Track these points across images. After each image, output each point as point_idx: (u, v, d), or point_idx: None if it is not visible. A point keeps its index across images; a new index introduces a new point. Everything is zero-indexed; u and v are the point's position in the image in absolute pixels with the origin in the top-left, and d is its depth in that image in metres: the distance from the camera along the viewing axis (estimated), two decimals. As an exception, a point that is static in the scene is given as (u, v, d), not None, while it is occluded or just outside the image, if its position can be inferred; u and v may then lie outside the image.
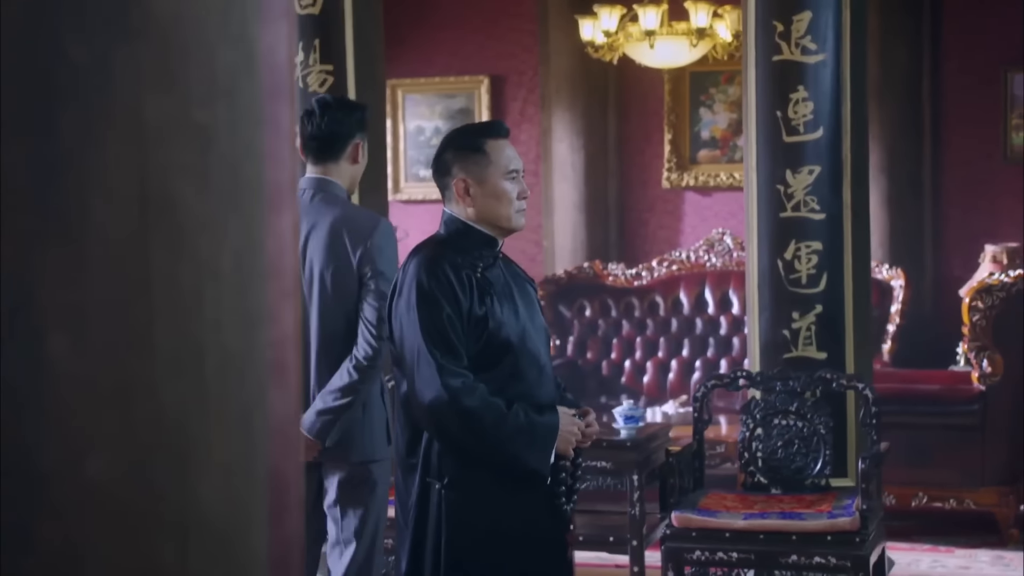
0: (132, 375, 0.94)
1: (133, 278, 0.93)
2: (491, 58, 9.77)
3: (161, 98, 0.95)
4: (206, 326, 0.99)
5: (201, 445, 0.98)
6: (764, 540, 4.69)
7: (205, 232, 0.98)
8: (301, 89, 5.90)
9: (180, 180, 0.96)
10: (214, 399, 0.99)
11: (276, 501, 1.20)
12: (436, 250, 3.38)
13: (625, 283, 9.00)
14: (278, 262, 1.21)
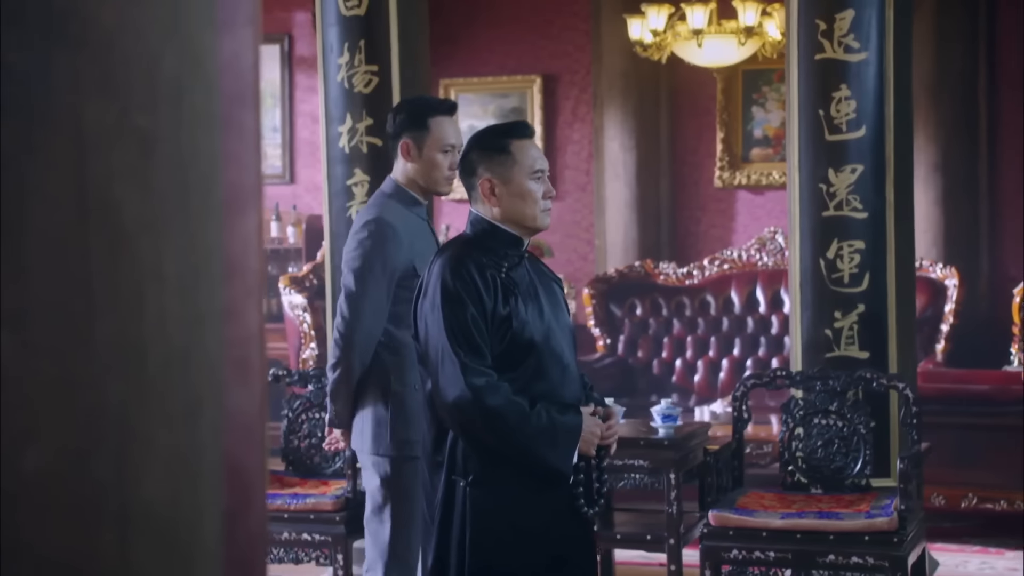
0: (72, 371, 0.97)
1: (74, 279, 0.97)
2: (544, 57, 9.80)
3: (101, 104, 0.99)
4: (148, 325, 1.02)
5: (143, 439, 1.02)
6: (801, 539, 4.69)
7: (147, 234, 1.02)
8: (347, 90, 5.96)
9: (120, 184, 1.00)
10: (156, 395, 1.03)
11: (236, 496, 1.24)
12: (461, 250, 3.41)
13: (676, 282, 8.99)
14: (241, 262, 1.25)
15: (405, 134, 4.24)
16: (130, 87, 1.01)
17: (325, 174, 6.05)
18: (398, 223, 4.17)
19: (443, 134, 4.25)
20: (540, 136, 9.78)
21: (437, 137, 4.23)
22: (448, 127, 4.29)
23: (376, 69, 5.92)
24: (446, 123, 4.29)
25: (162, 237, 1.03)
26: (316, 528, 5.05)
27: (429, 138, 4.23)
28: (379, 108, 5.91)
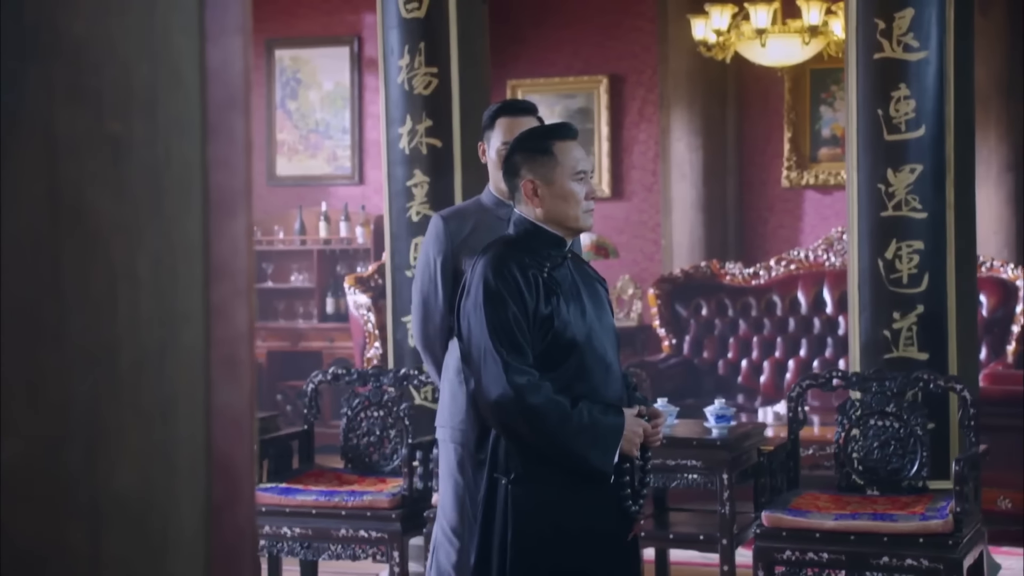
0: (43, 367, 1.01)
1: (45, 279, 1.01)
2: (611, 58, 9.81)
3: (73, 112, 1.03)
4: (120, 324, 1.06)
5: (114, 433, 1.05)
6: (855, 541, 4.66)
7: (119, 237, 1.05)
8: (407, 91, 6.01)
9: (93, 188, 1.04)
10: (128, 392, 1.07)
11: (223, 490, 1.28)
12: (504, 250, 3.44)
13: (742, 282, 8.96)
14: (230, 263, 1.29)
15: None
16: (102, 95, 1.05)
17: (386, 175, 6.11)
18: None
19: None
20: (606, 136, 9.80)
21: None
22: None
23: (436, 71, 5.97)
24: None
25: (135, 240, 1.07)
26: (373, 525, 5.10)
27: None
28: (439, 110, 5.97)
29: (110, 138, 1.05)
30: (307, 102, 10.38)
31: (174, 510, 1.13)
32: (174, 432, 1.12)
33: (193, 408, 1.16)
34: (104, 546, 1.05)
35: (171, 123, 1.11)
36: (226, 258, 1.29)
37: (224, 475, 1.28)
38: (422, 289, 4.40)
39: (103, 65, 1.05)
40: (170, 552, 1.12)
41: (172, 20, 1.12)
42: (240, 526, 1.32)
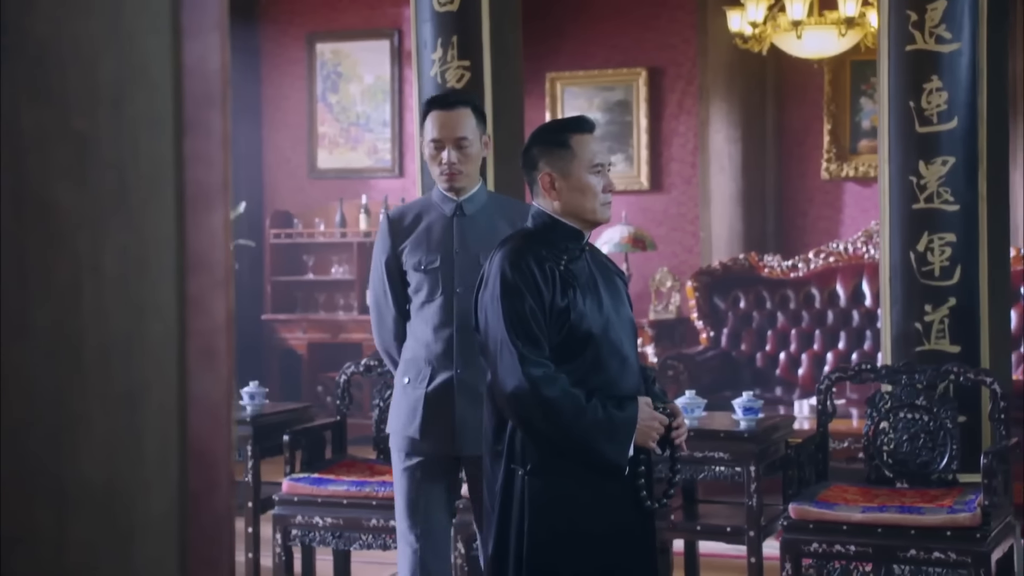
0: (8, 356, 1.05)
1: (10, 271, 1.05)
2: (650, 50, 9.81)
3: (38, 109, 1.06)
4: (85, 315, 1.10)
5: (80, 421, 1.09)
6: (882, 534, 4.66)
7: (84, 230, 1.09)
8: (439, 84, 6.04)
9: (58, 183, 1.07)
10: (94, 380, 1.10)
11: (201, 477, 1.31)
12: (521, 243, 3.47)
13: (781, 275, 8.95)
14: (208, 255, 1.32)
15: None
16: (67, 93, 1.08)
17: (419, 168, 6.14)
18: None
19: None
20: (645, 129, 9.80)
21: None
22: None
23: (468, 64, 6.00)
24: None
25: (100, 233, 1.11)
26: (403, 516, 5.13)
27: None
28: (471, 103, 5.99)
29: (75, 135, 1.09)
30: (348, 95, 10.44)
31: (142, 495, 1.16)
32: (142, 420, 1.15)
33: (163, 397, 1.19)
34: (70, 529, 1.09)
35: (138, 120, 1.15)
36: (203, 251, 1.32)
37: (201, 463, 1.32)
38: (373, 290, 4.41)
39: (68, 64, 1.09)
40: (137, 536, 1.15)
41: (139, 20, 1.16)
42: (217, 512, 1.35)
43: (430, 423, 4.16)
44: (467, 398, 4.12)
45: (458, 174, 4.21)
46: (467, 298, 4.01)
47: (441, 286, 4.19)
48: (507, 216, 4.22)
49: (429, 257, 4.22)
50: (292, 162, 10.61)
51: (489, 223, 4.22)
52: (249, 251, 10.20)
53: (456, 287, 4.17)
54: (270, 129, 10.64)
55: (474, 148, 4.24)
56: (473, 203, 4.26)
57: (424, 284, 4.22)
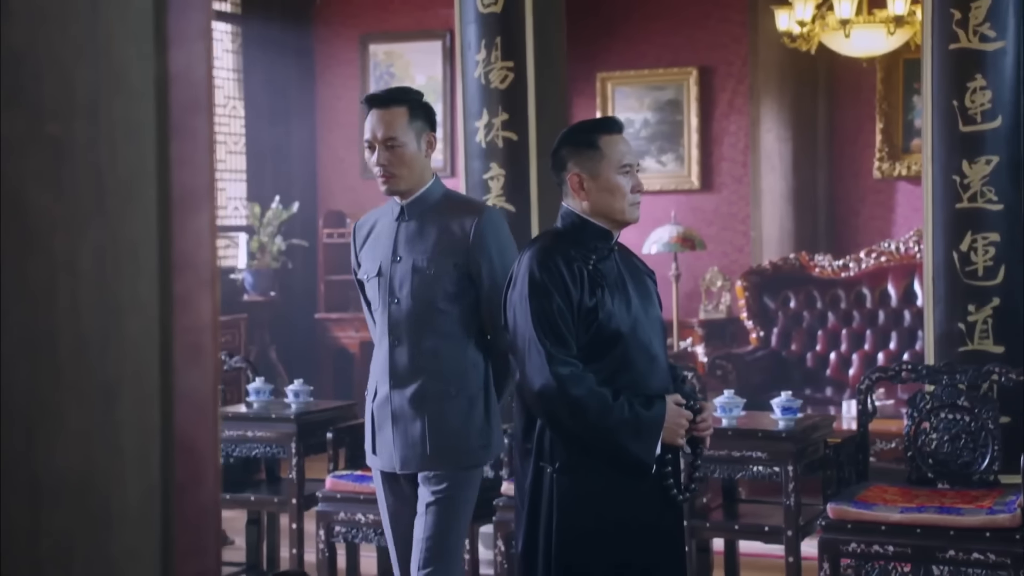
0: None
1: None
2: (700, 49, 9.80)
3: (13, 115, 1.11)
4: (60, 313, 1.14)
5: (54, 415, 1.14)
6: (921, 534, 4.65)
7: (59, 232, 1.13)
8: (483, 85, 6.09)
9: (33, 187, 1.12)
10: (68, 376, 1.15)
11: (188, 470, 1.36)
12: (550, 243, 3.50)
13: (832, 274, 8.91)
14: (194, 256, 1.37)
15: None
16: (42, 100, 1.13)
17: (463, 168, 6.20)
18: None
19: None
20: (696, 128, 9.79)
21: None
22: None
23: (512, 65, 6.05)
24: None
25: (76, 234, 1.15)
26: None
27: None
28: (515, 103, 6.05)
29: (51, 140, 1.13)
30: (400, 96, 10.49)
31: (119, 487, 1.20)
32: (118, 413, 1.20)
33: (141, 391, 1.23)
34: (43, 519, 1.13)
35: (115, 126, 1.19)
36: (189, 251, 1.36)
37: (188, 456, 1.36)
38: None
39: (43, 72, 1.13)
40: (115, 526, 1.20)
41: (117, 30, 1.20)
42: (203, 505, 1.39)
43: (376, 439, 4.09)
44: (399, 414, 4.01)
45: (391, 177, 3.99)
46: (403, 309, 3.95)
47: (379, 296, 4.04)
48: (454, 217, 4.01)
49: (372, 266, 4.08)
50: (345, 162, 10.69)
51: (432, 226, 4.01)
52: (302, 250, 10.29)
53: (392, 297, 4.00)
54: (324, 130, 10.73)
55: (409, 149, 3.98)
56: (418, 206, 4.03)
57: (373, 294, 4.09)
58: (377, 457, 4.10)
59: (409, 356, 3.99)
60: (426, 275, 3.97)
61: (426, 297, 3.98)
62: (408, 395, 3.98)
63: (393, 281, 4.00)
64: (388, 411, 4.03)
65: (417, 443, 4.00)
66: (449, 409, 3.98)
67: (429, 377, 3.98)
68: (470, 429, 4.01)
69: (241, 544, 6.21)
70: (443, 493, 4.00)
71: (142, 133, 1.25)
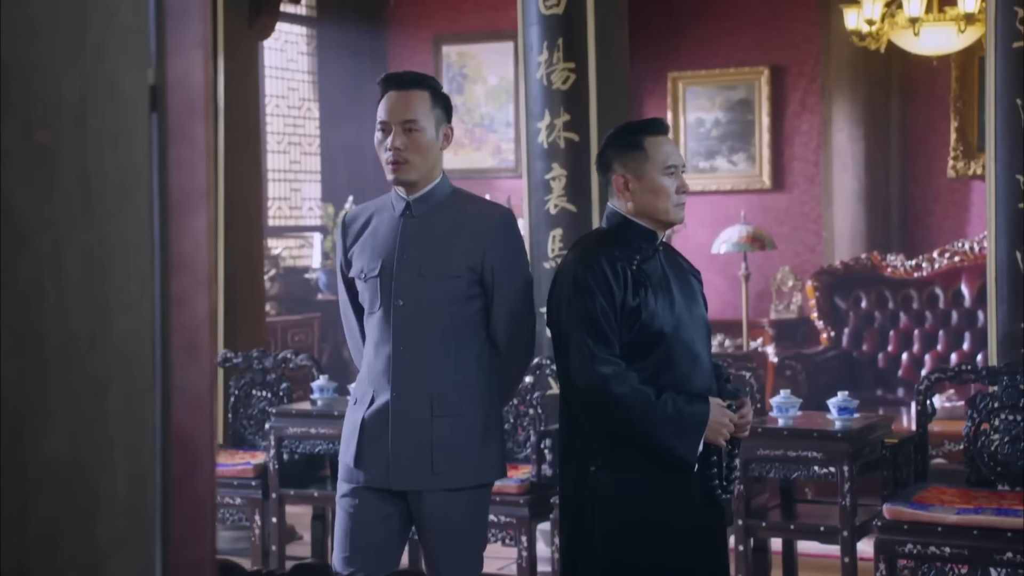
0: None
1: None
2: (772, 48, 9.77)
3: (3, 122, 1.17)
4: (47, 311, 1.20)
5: (42, 409, 1.20)
6: (978, 536, 4.62)
7: (47, 234, 1.20)
8: (545, 87, 6.13)
9: (21, 191, 1.18)
10: (55, 371, 1.21)
11: (184, 462, 1.42)
12: (595, 243, 3.54)
13: (904, 274, 8.84)
14: (192, 257, 1.43)
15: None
16: (31, 108, 1.19)
17: (525, 169, 6.24)
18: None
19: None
20: (767, 128, 9.76)
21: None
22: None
23: (573, 66, 6.07)
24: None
25: (63, 237, 1.21)
26: (502, 510, 5.23)
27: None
28: (576, 104, 6.08)
29: (39, 147, 1.20)
30: (472, 97, 10.58)
31: (108, 476, 1.27)
32: (107, 407, 1.26)
33: (131, 386, 1.29)
34: (31, 506, 1.20)
35: (103, 133, 1.25)
36: (187, 252, 1.42)
37: (184, 448, 1.42)
38: (340, 297, 3.94)
39: (32, 82, 1.20)
40: (102, 513, 1.26)
41: (105, 42, 1.26)
42: (200, 496, 1.45)
43: (366, 450, 3.68)
44: (402, 427, 3.65)
45: (403, 163, 3.64)
46: (409, 312, 3.63)
47: (380, 297, 3.68)
48: (468, 218, 3.72)
49: (370, 264, 3.71)
50: (418, 163, 10.77)
51: (444, 228, 3.70)
52: (376, 250, 10.38)
53: (395, 299, 3.66)
54: (397, 130, 10.82)
55: (427, 136, 3.65)
56: (426, 203, 3.70)
57: (366, 294, 3.73)
58: (361, 471, 3.70)
59: (414, 364, 3.65)
60: (437, 277, 3.66)
61: (436, 300, 3.65)
62: (412, 408, 3.65)
63: (398, 281, 3.66)
64: (386, 422, 3.66)
65: (422, 460, 3.65)
66: (460, 423, 3.66)
67: (440, 388, 3.65)
68: (481, 443, 3.70)
69: (308, 539, 6.30)
70: (452, 519, 3.69)
71: (133, 139, 1.31)
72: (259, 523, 5.70)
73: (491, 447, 3.75)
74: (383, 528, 3.72)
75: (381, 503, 3.70)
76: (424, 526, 3.71)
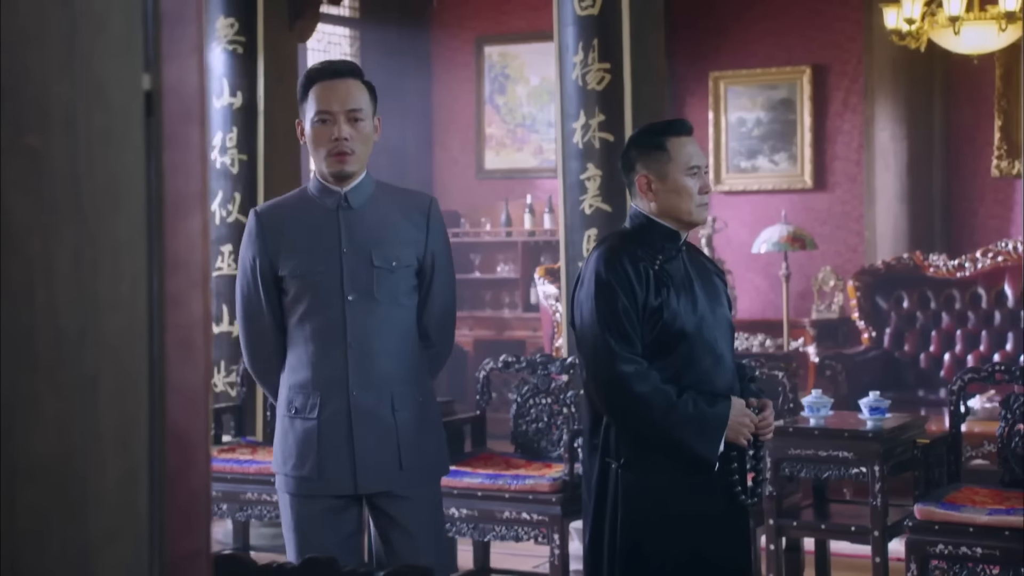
0: (-35, 347, 1.21)
1: (-33, 271, 1.20)
2: (814, 48, 9.74)
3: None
4: (37, 310, 1.24)
5: (32, 404, 1.24)
6: (1009, 536, 4.60)
7: (36, 235, 1.24)
8: (580, 87, 6.16)
9: (11, 194, 1.22)
10: (44, 368, 1.25)
11: (179, 457, 1.46)
12: (618, 242, 3.56)
13: (946, 274, 8.79)
14: (186, 257, 1.47)
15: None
16: (21, 113, 1.23)
17: (560, 168, 6.27)
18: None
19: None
20: (809, 127, 9.73)
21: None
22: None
23: (608, 67, 6.10)
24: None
25: (53, 237, 1.25)
26: (535, 508, 5.26)
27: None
28: (611, 105, 6.10)
29: (28, 151, 1.24)
30: (515, 97, 10.62)
31: (97, 470, 1.31)
32: (96, 402, 1.30)
33: (123, 382, 1.34)
34: (20, 499, 1.24)
35: (93, 137, 1.29)
36: (182, 253, 1.46)
37: (179, 443, 1.46)
38: (245, 298, 3.67)
39: (22, 88, 1.24)
40: (91, 507, 1.30)
41: (96, 47, 1.30)
42: (194, 490, 1.49)
43: (327, 460, 3.52)
44: (366, 426, 3.52)
45: (349, 154, 3.54)
46: (361, 307, 3.52)
47: (326, 295, 3.53)
48: (402, 208, 3.64)
49: (311, 261, 3.55)
50: (460, 163, 10.83)
51: (380, 216, 3.60)
52: (418, 250, 10.45)
53: (347, 294, 3.53)
54: (440, 131, 10.88)
55: (368, 126, 3.60)
56: (359, 193, 3.60)
57: (305, 294, 3.55)
58: (322, 482, 3.54)
59: (372, 360, 3.53)
60: (389, 268, 3.55)
61: (390, 293, 3.55)
62: (374, 405, 3.53)
63: (344, 276, 3.53)
64: (345, 425, 3.51)
65: (390, 458, 3.55)
66: (419, 417, 3.59)
67: (398, 382, 3.56)
68: (437, 436, 3.68)
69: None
70: (424, 515, 3.61)
71: (125, 143, 1.35)
72: (295, 520, 5.75)
73: (443, 440, 3.72)
74: (350, 538, 3.61)
75: (344, 513, 3.58)
76: (394, 526, 3.59)
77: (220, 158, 6.83)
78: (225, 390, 6.75)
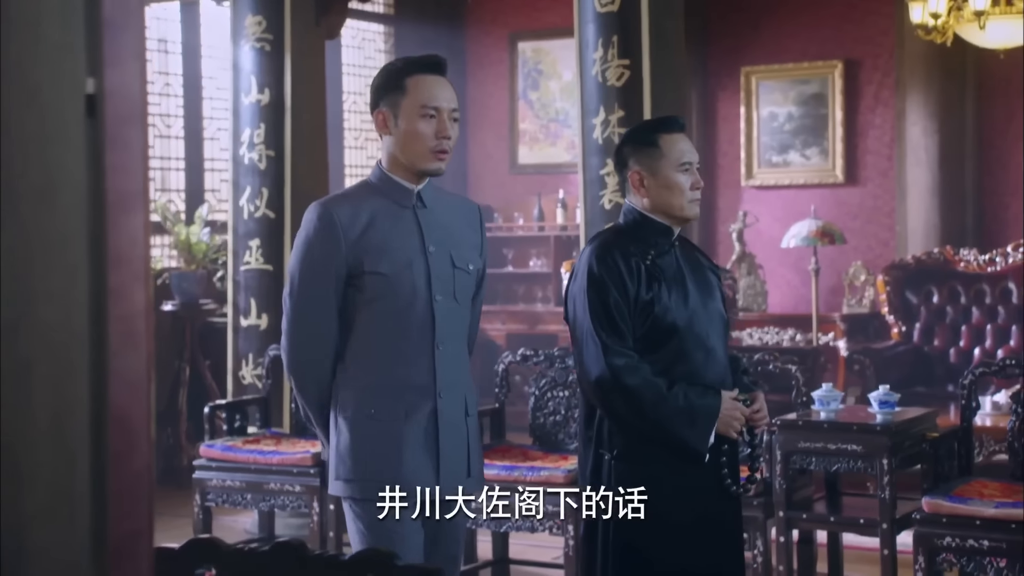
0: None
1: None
2: (846, 42, 9.75)
3: (-71, 133, 1.31)
4: (-28, 301, 1.33)
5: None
6: (1016, 529, 4.63)
7: (-30, 231, 1.33)
8: (600, 83, 6.21)
9: (-54, 193, 1.32)
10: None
11: (121, 440, 1.54)
12: (610, 238, 3.63)
13: (977, 269, 8.79)
14: (128, 252, 1.55)
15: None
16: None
17: (581, 164, 6.33)
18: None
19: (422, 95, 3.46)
20: (840, 122, 9.74)
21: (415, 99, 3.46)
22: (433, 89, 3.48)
23: (628, 63, 6.15)
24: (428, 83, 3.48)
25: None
26: (549, 500, 5.30)
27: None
28: (631, 101, 6.15)
29: (-36, 153, 1.33)
30: (548, 92, 10.69)
31: (31, 451, 1.39)
32: (30, 389, 1.39)
33: (58, 369, 1.42)
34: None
35: (27, 140, 1.38)
36: (124, 249, 1.55)
37: (122, 427, 1.55)
38: (308, 296, 3.44)
39: (-43, 94, 1.33)
40: (26, 487, 1.39)
41: (27, 55, 1.39)
42: (137, 471, 1.58)
43: (413, 465, 3.39)
44: (448, 432, 3.43)
45: (447, 153, 3.45)
46: (446, 308, 3.42)
47: (416, 295, 3.39)
48: (459, 212, 3.57)
49: (399, 259, 3.39)
50: (494, 158, 10.91)
51: (450, 218, 3.52)
52: (452, 245, 10.54)
53: (435, 295, 3.42)
54: (474, 126, 10.96)
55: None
56: (430, 193, 3.50)
57: (389, 292, 3.38)
58: (407, 490, 3.39)
59: (452, 363, 3.45)
60: (466, 271, 3.50)
61: (466, 295, 3.50)
62: (455, 409, 3.46)
63: (432, 276, 3.41)
64: (429, 429, 3.42)
65: (461, 462, 3.48)
66: (476, 422, 3.55)
67: (468, 387, 3.52)
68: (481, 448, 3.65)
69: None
70: (465, 521, 3.62)
71: (63, 145, 1.44)
72: (317, 510, 5.86)
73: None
74: (421, 545, 3.48)
75: (416, 516, 3.43)
76: (441, 528, 3.49)
77: (248, 154, 6.94)
78: (253, 382, 6.86)
